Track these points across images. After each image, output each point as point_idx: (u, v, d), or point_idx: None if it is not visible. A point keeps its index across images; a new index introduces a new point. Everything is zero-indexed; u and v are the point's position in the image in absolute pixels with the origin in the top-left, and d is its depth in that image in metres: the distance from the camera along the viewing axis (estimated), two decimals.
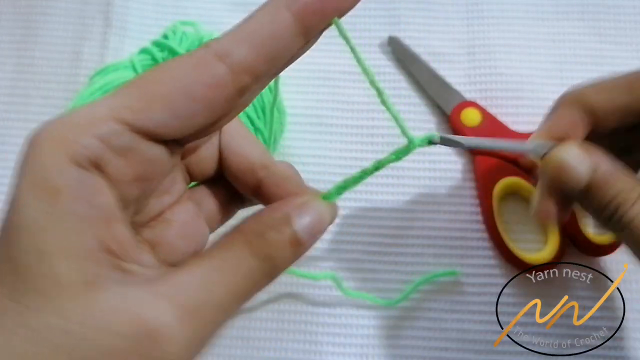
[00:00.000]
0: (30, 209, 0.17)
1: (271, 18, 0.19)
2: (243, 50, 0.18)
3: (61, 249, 0.16)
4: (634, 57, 0.38)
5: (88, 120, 0.17)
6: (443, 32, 0.39)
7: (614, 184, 0.24)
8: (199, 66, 0.18)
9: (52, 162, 0.17)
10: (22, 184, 0.17)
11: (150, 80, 0.18)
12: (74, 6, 0.40)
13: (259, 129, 0.33)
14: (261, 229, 0.19)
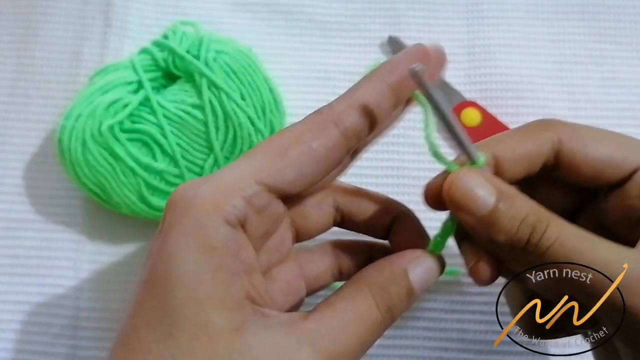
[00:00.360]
0: (188, 264, 0.19)
1: (373, 89, 0.22)
2: (353, 118, 0.21)
3: (214, 299, 0.19)
4: (633, 57, 0.38)
5: (235, 182, 0.20)
6: (443, 32, 0.39)
7: (520, 204, 0.22)
8: (319, 131, 0.21)
9: (209, 223, 0.19)
10: (179, 240, 0.19)
11: (281, 143, 0.21)
12: (74, 6, 0.40)
13: (259, 129, 0.33)
14: (384, 282, 0.22)
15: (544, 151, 0.25)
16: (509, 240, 0.22)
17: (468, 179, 0.23)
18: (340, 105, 0.22)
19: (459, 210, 0.23)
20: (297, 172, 0.21)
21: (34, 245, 0.36)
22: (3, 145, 0.38)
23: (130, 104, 0.32)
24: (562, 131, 0.25)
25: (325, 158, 0.21)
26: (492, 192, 0.22)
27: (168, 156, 0.32)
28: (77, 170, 0.32)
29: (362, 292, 0.22)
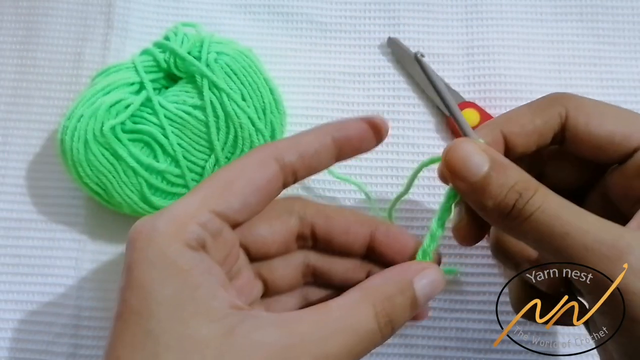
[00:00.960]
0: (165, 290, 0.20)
1: (318, 140, 0.25)
2: (292, 157, 0.24)
3: (199, 315, 0.20)
4: (631, 58, 0.38)
5: (188, 212, 0.22)
6: (442, 33, 0.39)
7: (511, 173, 0.23)
8: (260, 165, 0.24)
9: (173, 250, 0.21)
10: (149, 272, 0.20)
11: (227, 176, 0.23)
12: (76, 7, 0.40)
13: (260, 130, 0.33)
14: (390, 293, 0.23)
15: (552, 125, 0.25)
16: (497, 205, 0.23)
17: (465, 146, 0.24)
18: (284, 144, 0.24)
19: (454, 175, 0.24)
20: (242, 202, 0.23)
21: (36, 245, 0.36)
22: (5, 146, 0.38)
23: (132, 105, 0.32)
24: (569, 105, 0.25)
25: (266, 189, 0.23)
26: (486, 161, 0.23)
27: (169, 156, 0.32)
28: (79, 171, 0.32)
29: (364, 302, 0.22)
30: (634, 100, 0.38)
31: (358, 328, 0.22)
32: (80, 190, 0.35)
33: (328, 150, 0.25)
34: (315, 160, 0.25)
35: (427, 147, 0.37)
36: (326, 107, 0.38)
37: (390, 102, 0.38)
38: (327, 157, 0.25)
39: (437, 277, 0.24)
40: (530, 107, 0.26)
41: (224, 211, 0.22)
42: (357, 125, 0.25)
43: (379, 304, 0.22)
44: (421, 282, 0.23)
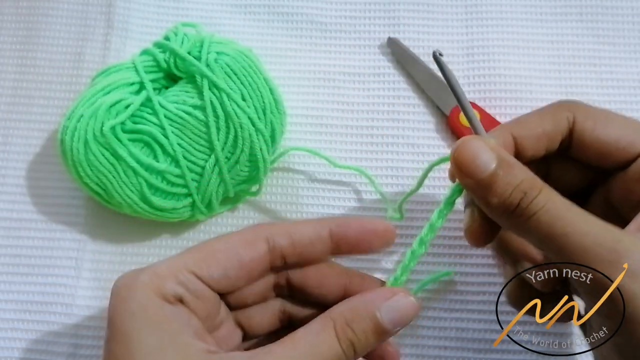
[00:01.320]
0: (147, 338, 0.22)
1: (315, 231, 0.25)
2: (284, 242, 0.25)
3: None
4: (631, 58, 0.38)
5: (169, 270, 0.23)
6: (442, 33, 0.39)
7: (518, 172, 0.24)
8: (248, 243, 0.25)
9: (152, 303, 0.22)
10: (131, 322, 0.22)
11: (213, 247, 0.24)
12: (76, 7, 0.40)
13: (260, 130, 0.33)
14: (350, 318, 0.23)
15: (561, 130, 0.26)
16: (502, 203, 0.24)
17: (474, 144, 0.24)
18: (279, 228, 0.25)
19: (461, 171, 0.25)
20: (222, 273, 0.24)
21: (36, 245, 0.36)
22: (5, 146, 0.38)
23: (132, 105, 0.32)
24: (577, 111, 0.26)
25: (249, 267, 0.24)
26: (494, 158, 0.24)
27: (169, 156, 0.32)
28: (79, 171, 0.32)
29: (326, 327, 0.23)
30: (634, 100, 0.38)
31: (323, 353, 0.22)
32: (80, 190, 0.35)
33: (323, 243, 0.25)
34: (309, 250, 0.25)
35: (427, 147, 0.37)
36: (326, 107, 0.38)
37: (390, 102, 0.38)
38: (322, 250, 0.26)
39: (405, 304, 0.24)
40: (539, 112, 0.27)
41: (203, 277, 0.24)
42: (357, 226, 0.25)
43: (339, 329, 0.23)
44: (386, 309, 0.24)
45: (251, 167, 0.34)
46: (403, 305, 0.24)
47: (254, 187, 0.36)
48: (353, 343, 0.23)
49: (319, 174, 0.37)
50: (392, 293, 0.24)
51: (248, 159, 0.33)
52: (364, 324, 0.23)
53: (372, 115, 0.38)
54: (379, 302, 0.24)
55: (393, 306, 0.24)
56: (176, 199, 0.33)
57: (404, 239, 0.35)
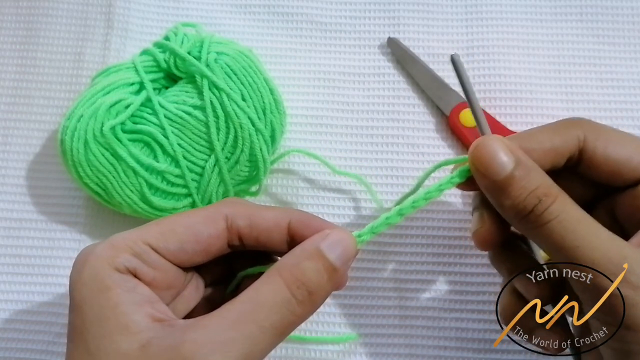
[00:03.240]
0: (93, 308, 0.22)
1: (275, 221, 0.26)
2: (242, 223, 0.26)
3: (119, 328, 0.22)
4: (631, 58, 0.38)
5: (125, 242, 0.24)
6: (442, 33, 0.39)
7: (535, 177, 0.24)
8: (208, 219, 0.25)
9: (102, 271, 0.23)
10: (82, 290, 0.23)
11: (174, 221, 0.25)
12: (76, 7, 0.40)
13: (260, 130, 0.33)
14: (296, 260, 0.24)
15: (569, 147, 0.26)
16: (515, 206, 0.24)
17: (494, 143, 0.24)
18: (241, 209, 0.26)
19: (478, 170, 0.25)
20: (179, 247, 0.25)
21: (36, 245, 0.36)
22: (5, 146, 0.38)
23: (132, 105, 0.32)
24: (588, 130, 0.26)
25: (207, 242, 0.25)
26: (512, 160, 0.24)
27: (169, 156, 0.32)
28: (79, 171, 0.32)
29: (270, 277, 0.23)
30: (634, 100, 0.38)
31: (269, 301, 0.22)
32: (80, 190, 0.35)
33: (281, 234, 0.26)
34: (265, 236, 0.26)
35: (427, 147, 0.37)
36: (326, 107, 0.38)
37: (390, 102, 0.38)
38: (279, 240, 0.26)
39: (342, 236, 0.24)
40: (550, 127, 0.27)
41: (159, 249, 0.24)
42: (316, 228, 0.25)
43: (286, 273, 0.23)
44: (328, 244, 0.24)
45: (251, 167, 0.34)
46: (342, 239, 0.24)
47: (254, 187, 0.36)
48: (304, 282, 0.23)
49: (319, 174, 0.37)
50: (326, 233, 0.25)
51: (248, 159, 0.33)
52: (313, 262, 0.23)
53: (372, 115, 0.38)
54: (319, 243, 0.24)
55: (333, 241, 0.24)
56: (176, 199, 0.33)
57: (403, 239, 0.35)
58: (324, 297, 0.24)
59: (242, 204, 0.27)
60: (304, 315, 0.24)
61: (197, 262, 0.26)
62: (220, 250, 0.26)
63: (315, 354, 0.34)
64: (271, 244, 0.26)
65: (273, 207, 0.27)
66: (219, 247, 0.26)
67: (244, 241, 0.26)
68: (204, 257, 0.26)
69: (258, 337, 0.22)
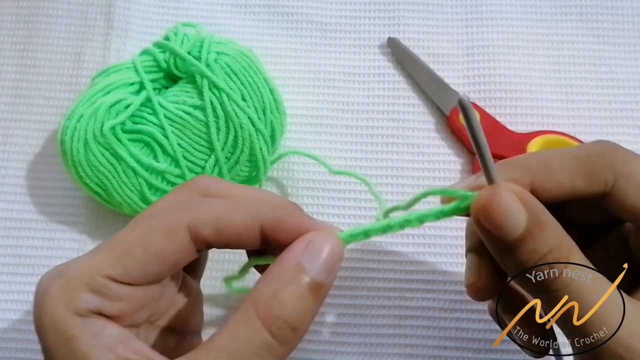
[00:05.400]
0: (59, 354, 0.20)
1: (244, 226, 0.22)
2: (208, 232, 0.22)
3: None
4: (631, 58, 0.38)
5: (81, 277, 0.21)
6: (442, 33, 0.39)
7: (548, 236, 0.21)
8: (168, 234, 0.21)
9: (62, 319, 0.20)
10: (46, 338, 0.21)
11: (128, 243, 0.21)
12: (76, 7, 0.40)
13: (260, 130, 0.33)
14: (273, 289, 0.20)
15: (593, 192, 0.23)
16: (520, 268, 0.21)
17: (508, 200, 0.21)
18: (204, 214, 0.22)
19: (485, 230, 0.21)
20: (141, 271, 0.21)
21: (36, 245, 0.36)
22: (5, 146, 0.38)
23: (132, 105, 0.32)
24: (620, 172, 0.23)
25: (171, 260, 0.22)
26: (524, 220, 0.21)
27: (169, 156, 0.32)
28: (79, 171, 0.32)
29: (245, 316, 0.20)
30: (634, 101, 0.38)
31: (247, 349, 0.19)
32: (80, 190, 0.35)
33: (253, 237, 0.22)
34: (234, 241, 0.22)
35: (427, 147, 0.37)
36: (326, 107, 0.38)
37: (390, 102, 0.38)
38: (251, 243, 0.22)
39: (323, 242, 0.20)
40: (576, 162, 0.23)
41: (120, 277, 0.21)
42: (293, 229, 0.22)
43: (262, 309, 0.19)
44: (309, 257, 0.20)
45: (251, 167, 0.34)
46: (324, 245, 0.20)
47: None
48: (286, 319, 0.19)
49: (319, 174, 0.37)
50: (307, 240, 0.21)
51: (248, 159, 0.33)
52: (294, 287, 0.19)
53: (372, 115, 0.38)
54: (299, 257, 0.20)
55: (316, 255, 0.20)
56: None
57: (403, 239, 0.35)
58: (310, 322, 0.20)
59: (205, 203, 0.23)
60: (289, 353, 0.20)
61: (166, 276, 0.23)
62: (190, 259, 0.23)
63: (315, 355, 0.34)
64: (245, 246, 0.23)
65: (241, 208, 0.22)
66: (187, 258, 0.22)
67: (214, 247, 0.23)
68: (173, 270, 0.23)
69: None
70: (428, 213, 0.22)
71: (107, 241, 0.22)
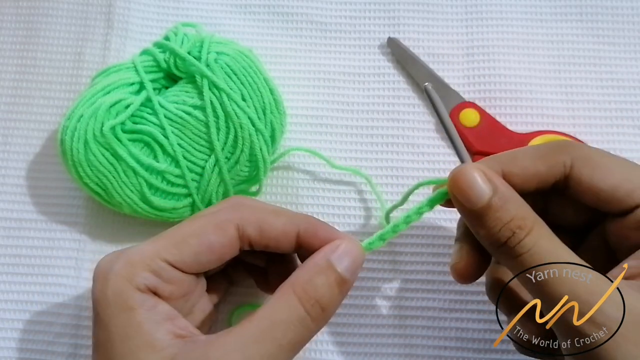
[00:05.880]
0: (118, 327, 0.24)
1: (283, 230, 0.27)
2: (252, 232, 0.26)
3: (144, 346, 0.23)
4: (631, 58, 0.38)
5: (142, 258, 0.25)
6: (442, 33, 0.39)
7: (511, 208, 0.24)
8: (220, 229, 0.26)
9: (124, 292, 0.24)
10: (107, 310, 0.24)
11: (185, 233, 0.26)
12: (76, 7, 0.40)
13: (260, 130, 0.33)
14: (308, 275, 0.24)
15: (554, 174, 0.26)
16: (489, 237, 0.24)
17: (472, 173, 0.24)
18: (251, 216, 0.26)
19: (455, 198, 0.25)
20: (194, 259, 0.26)
21: (36, 245, 0.36)
22: (5, 146, 0.38)
23: (132, 105, 0.32)
24: (576, 156, 0.26)
25: (220, 252, 0.26)
26: (488, 191, 0.24)
27: (169, 156, 0.32)
28: (79, 171, 0.32)
29: (285, 294, 0.24)
30: (634, 100, 0.38)
31: (285, 319, 0.23)
32: (80, 190, 0.35)
33: (289, 241, 0.27)
34: (274, 243, 0.27)
35: (427, 147, 0.37)
36: (326, 107, 0.38)
37: (390, 102, 0.38)
38: (287, 247, 0.27)
39: (350, 247, 0.25)
40: (537, 151, 0.26)
41: (175, 262, 0.25)
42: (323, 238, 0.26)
43: (299, 290, 0.24)
44: (338, 258, 0.25)
45: (251, 167, 0.34)
46: (351, 250, 0.25)
47: (253, 187, 0.36)
48: (317, 299, 0.24)
49: (319, 174, 0.37)
50: (336, 245, 0.25)
51: (248, 159, 0.33)
52: (325, 277, 0.24)
53: (372, 115, 0.38)
54: (330, 256, 0.25)
55: (344, 255, 0.25)
56: (176, 199, 0.33)
57: (403, 239, 0.35)
58: (335, 309, 0.25)
59: (251, 208, 0.27)
60: (317, 330, 0.25)
61: (210, 268, 0.27)
62: (232, 256, 0.27)
63: (315, 354, 0.34)
64: (279, 249, 0.27)
65: (281, 213, 0.27)
66: (231, 254, 0.27)
67: (253, 246, 0.27)
68: (217, 264, 0.27)
69: (276, 354, 0.23)
70: (422, 205, 0.27)
71: (166, 231, 0.26)
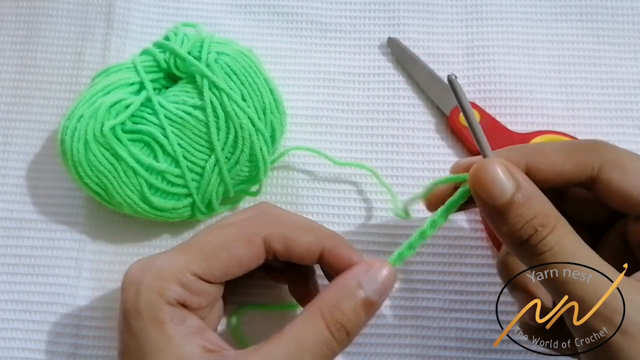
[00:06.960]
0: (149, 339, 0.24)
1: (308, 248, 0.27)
2: (278, 246, 0.27)
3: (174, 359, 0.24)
4: (631, 58, 0.38)
5: (172, 272, 0.25)
6: (442, 33, 0.39)
7: (534, 204, 0.23)
8: (248, 242, 0.27)
9: (155, 305, 0.25)
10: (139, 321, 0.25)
11: (214, 245, 0.26)
12: (76, 7, 0.40)
13: (260, 130, 0.33)
14: (335, 299, 0.25)
15: (581, 175, 0.25)
16: (511, 234, 0.24)
17: (495, 168, 0.24)
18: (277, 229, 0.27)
19: (478, 193, 0.24)
20: (224, 272, 0.26)
21: (36, 245, 0.36)
22: (5, 146, 0.38)
23: (132, 105, 0.32)
24: (605, 158, 0.25)
25: (248, 264, 0.27)
26: (511, 187, 0.23)
27: (169, 156, 0.32)
28: (79, 171, 0.32)
29: (312, 316, 0.24)
30: (634, 100, 0.38)
31: (312, 342, 0.24)
32: (80, 190, 0.35)
33: (312, 258, 0.27)
34: (297, 258, 0.27)
35: (427, 147, 0.37)
36: (326, 107, 0.38)
37: (390, 102, 0.38)
38: (309, 262, 0.28)
39: (383, 272, 0.25)
40: (567, 148, 0.26)
41: (204, 275, 0.26)
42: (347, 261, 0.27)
43: (327, 314, 0.24)
44: (368, 281, 0.25)
45: (251, 167, 0.34)
46: (382, 274, 0.25)
47: (254, 187, 0.36)
48: (343, 324, 0.24)
49: (319, 174, 0.37)
50: (369, 266, 0.25)
51: (248, 159, 0.33)
52: (352, 301, 0.24)
53: (372, 115, 0.38)
54: (360, 277, 0.25)
55: (373, 278, 0.25)
56: (176, 199, 0.33)
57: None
58: (360, 331, 0.25)
59: (279, 221, 0.28)
60: (340, 351, 0.25)
61: (235, 277, 0.27)
62: (257, 266, 0.27)
63: None
64: (302, 262, 0.28)
65: (309, 229, 0.28)
66: (257, 264, 0.27)
67: (277, 258, 0.28)
68: (242, 273, 0.27)
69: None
70: (448, 205, 0.26)
71: (192, 242, 0.27)
